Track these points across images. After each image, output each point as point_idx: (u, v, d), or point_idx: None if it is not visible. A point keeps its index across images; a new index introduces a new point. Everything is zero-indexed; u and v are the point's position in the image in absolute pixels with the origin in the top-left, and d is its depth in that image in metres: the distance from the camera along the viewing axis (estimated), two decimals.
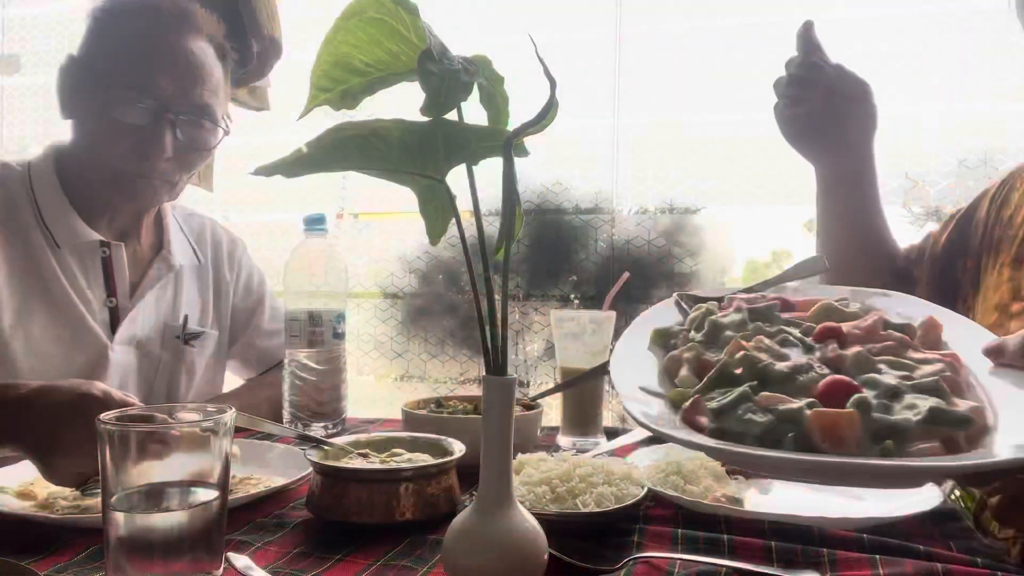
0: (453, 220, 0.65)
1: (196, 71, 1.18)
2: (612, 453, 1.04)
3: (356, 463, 0.82)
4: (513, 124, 0.60)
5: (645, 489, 0.79)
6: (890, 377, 0.57)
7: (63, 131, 1.24)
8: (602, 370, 1.08)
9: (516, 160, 0.59)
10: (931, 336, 0.66)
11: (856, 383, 0.56)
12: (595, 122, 2.64)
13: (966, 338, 0.64)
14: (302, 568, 0.67)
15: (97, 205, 1.23)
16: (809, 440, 0.52)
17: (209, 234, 1.44)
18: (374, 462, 0.82)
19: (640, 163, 2.61)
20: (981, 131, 2.29)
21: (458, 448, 0.84)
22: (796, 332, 0.66)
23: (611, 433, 1.21)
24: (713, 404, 0.56)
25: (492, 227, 2.40)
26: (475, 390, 2.63)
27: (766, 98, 1.20)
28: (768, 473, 0.61)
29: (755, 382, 0.58)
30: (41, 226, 1.19)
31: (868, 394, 0.54)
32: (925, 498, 0.82)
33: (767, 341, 0.63)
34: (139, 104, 1.14)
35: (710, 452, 0.54)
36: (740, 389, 0.57)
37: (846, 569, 0.65)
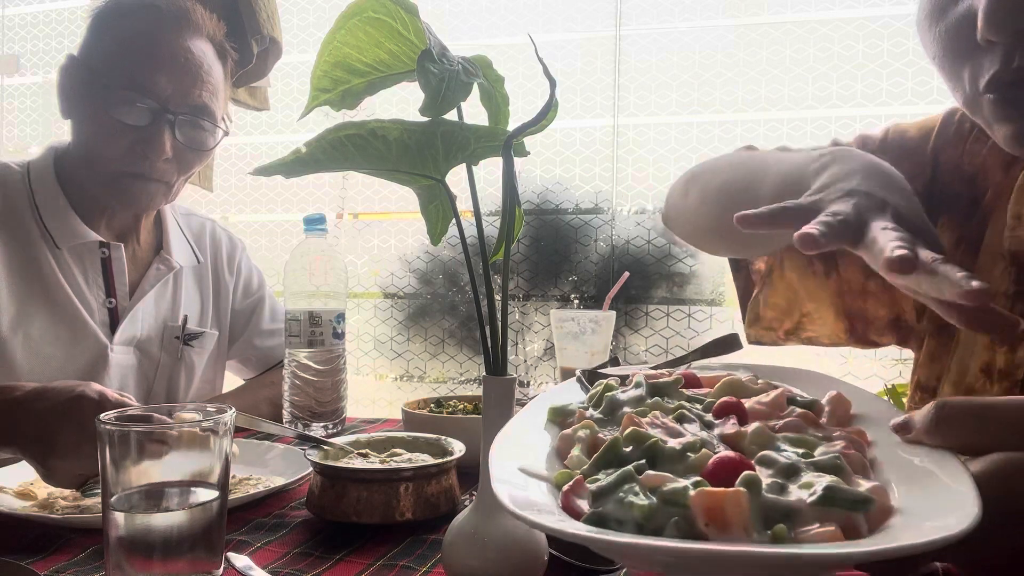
0: (453, 220, 0.65)
1: (196, 71, 1.18)
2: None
3: (356, 463, 0.82)
4: (513, 124, 0.60)
5: None
6: (789, 454, 0.52)
7: (63, 131, 1.24)
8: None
9: (516, 160, 0.59)
10: (839, 412, 0.61)
11: (749, 460, 0.51)
12: (595, 122, 2.64)
13: (875, 414, 0.60)
14: (302, 568, 0.67)
15: (96, 206, 1.23)
16: (693, 524, 0.46)
17: (209, 234, 1.44)
18: (374, 462, 0.82)
19: (640, 163, 2.61)
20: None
21: (458, 448, 0.85)
22: (696, 408, 0.61)
23: None
24: (594, 486, 0.51)
25: (492, 227, 2.40)
26: (475, 390, 2.63)
27: (766, 98, 1.20)
28: (648, 567, 0.52)
29: (642, 460, 0.53)
30: (40, 227, 1.19)
31: (762, 472, 0.50)
32: None
33: (663, 418, 0.58)
34: (138, 104, 1.14)
35: (583, 542, 0.47)
36: (624, 469, 0.51)
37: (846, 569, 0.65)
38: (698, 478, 0.49)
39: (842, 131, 2.40)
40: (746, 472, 0.48)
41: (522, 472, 0.54)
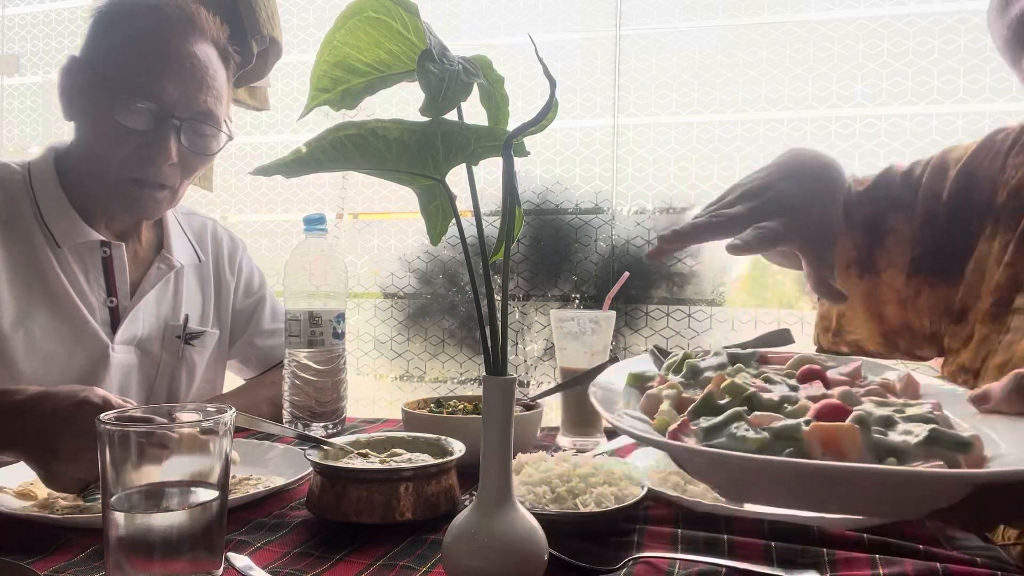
0: (453, 220, 0.65)
1: (201, 77, 1.17)
2: (612, 453, 1.04)
3: (356, 463, 0.82)
4: (513, 124, 0.60)
5: (645, 489, 0.79)
6: (882, 410, 0.55)
7: (63, 131, 1.23)
8: (602, 370, 1.08)
9: (516, 160, 0.59)
10: (910, 390, 0.65)
11: (850, 407, 0.54)
12: (595, 122, 2.64)
13: (943, 395, 0.63)
14: (302, 568, 0.67)
15: (98, 205, 1.23)
16: (808, 456, 0.49)
17: (210, 233, 1.44)
18: (374, 462, 0.82)
19: (640, 163, 2.61)
20: (979, 131, 2.29)
21: (458, 448, 0.85)
22: (778, 376, 0.65)
23: (611, 433, 1.21)
24: (703, 425, 0.55)
25: (492, 227, 2.40)
26: (475, 390, 2.63)
27: (766, 98, 1.20)
28: (764, 492, 0.55)
29: (743, 408, 0.56)
30: (41, 226, 1.19)
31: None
32: None
33: (750, 378, 0.62)
34: (144, 109, 1.13)
35: (703, 463, 0.51)
36: (732, 410, 0.55)
37: (846, 569, 0.65)
38: (808, 418, 0.52)
39: (842, 131, 2.40)
40: (856, 410, 0.51)
41: (627, 414, 0.60)
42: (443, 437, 0.88)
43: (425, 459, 0.82)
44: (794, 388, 0.62)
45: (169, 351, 1.31)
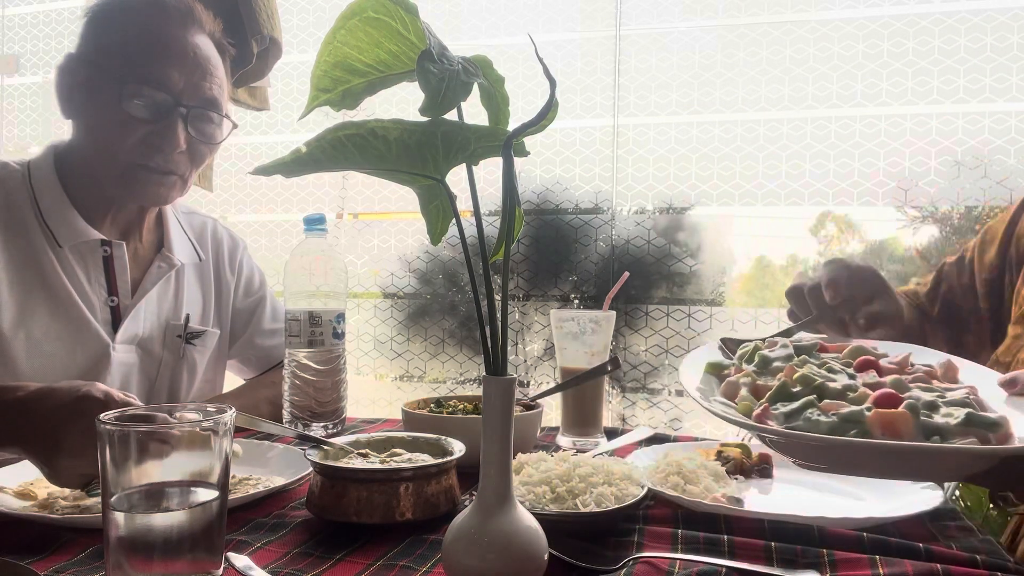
0: (453, 220, 0.65)
1: (204, 65, 1.19)
2: (612, 453, 1.04)
3: (356, 463, 0.82)
4: (513, 124, 0.60)
5: (645, 489, 0.79)
6: (927, 396, 0.67)
7: (63, 131, 1.24)
8: (602, 370, 1.08)
9: (516, 160, 0.59)
10: (949, 374, 0.77)
11: (903, 396, 0.66)
12: (595, 122, 2.64)
13: (979, 378, 0.74)
14: (302, 568, 0.67)
15: (99, 204, 1.23)
16: (870, 436, 0.62)
17: (210, 232, 1.44)
18: (374, 462, 0.82)
19: (640, 163, 2.61)
20: (979, 131, 2.29)
21: (458, 448, 0.85)
22: (837, 364, 0.76)
23: (611, 433, 1.21)
24: (782, 410, 0.67)
25: (492, 227, 2.40)
26: (475, 390, 2.63)
27: (766, 98, 1.20)
28: (836, 464, 0.70)
29: (813, 396, 0.68)
30: (42, 225, 1.19)
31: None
32: (925, 498, 0.82)
33: (816, 368, 0.74)
34: (151, 98, 1.14)
35: (793, 442, 0.65)
36: (804, 399, 0.68)
37: (846, 569, 0.65)
38: (868, 405, 0.65)
39: (842, 131, 2.40)
40: (908, 400, 0.64)
41: (717, 401, 0.73)
42: (443, 437, 0.88)
43: (425, 459, 0.82)
44: (852, 376, 0.73)
45: (170, 350, 1.31)
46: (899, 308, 1.07)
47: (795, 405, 0.67)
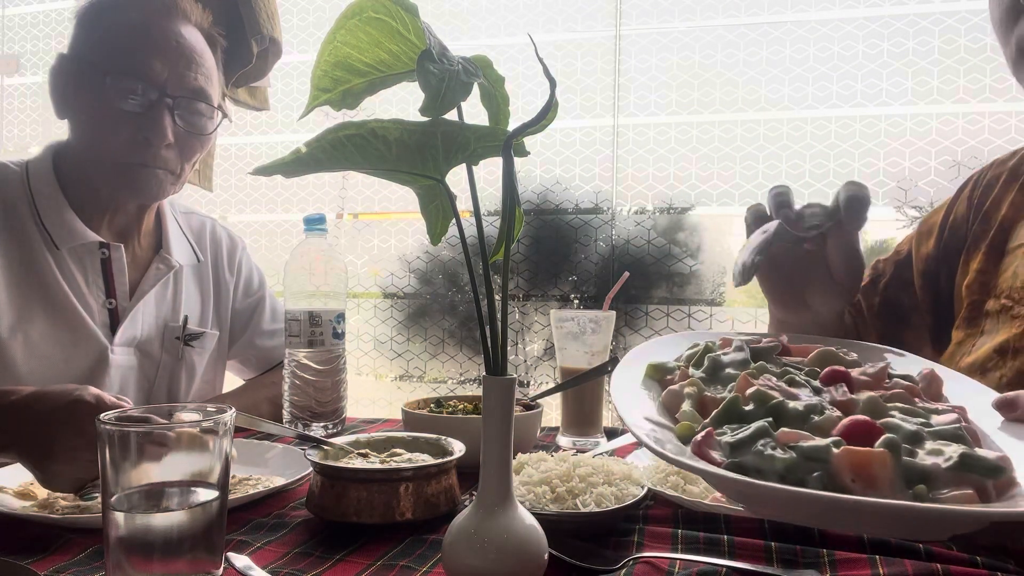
0: (453, 220, 0.65)
1: (189, 55, 1.18)
2: (612, 453, 1.04)
3: (356, 463, 0.82)
4: (513, 124, 0.60)
5: (645, 489, 0.79)
6: (909, 424, 0.55)
7: (63, 131, 1.24)
8: (602, 370, 1.08)
9: (516, 160, 0.59)
10: (932, 389, 0.65)
11: (878, 424, 0.54)
12: (595, 122, 2.64)
13: (965, 393, 0.63)
14: (302, 568, 0.67)
15: (97, 205, 1.23)
16: (836, 480, 0.49)
17: (209, 233, 1.44)
18: (374, 462, 0.82)
19: (640, 163, 2.61)
20: (979, 132, 2.29)
21: (458, 448, 0.84)
22: (800, 374, 0.64)
23: (611, 433, 1.21)
24: (728, 438, 0.54)
25: (492, 227, 2.40)
26: (475, 390, 2.63)
27: (766, 98, 1.20)
28: (787, 515, 0.57)
29: (768, 419, 0.56)
30: (40, 227, 1.19)
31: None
32: None
33: (774, 380, 0.62)
34: (136, 91, 1.14)
35: (730, 487, 0.52)
36: (757, 424, 0.55)
37: (846, 569, 0.65)
38: (837, 438, 0.52)
39: (842, 131, 2.40)
40: (887, 435, 0.51)
41: (648, 420, 0.59)
42: (443, 437, 0.88)
43: (425, 459, 0.82)
44: (818, 390, 0.61)
45: (169, 352, 1.31)
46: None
47: (744, 434, 0.54)
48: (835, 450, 0.50)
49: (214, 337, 1.39)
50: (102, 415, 0.59)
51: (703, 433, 0.56)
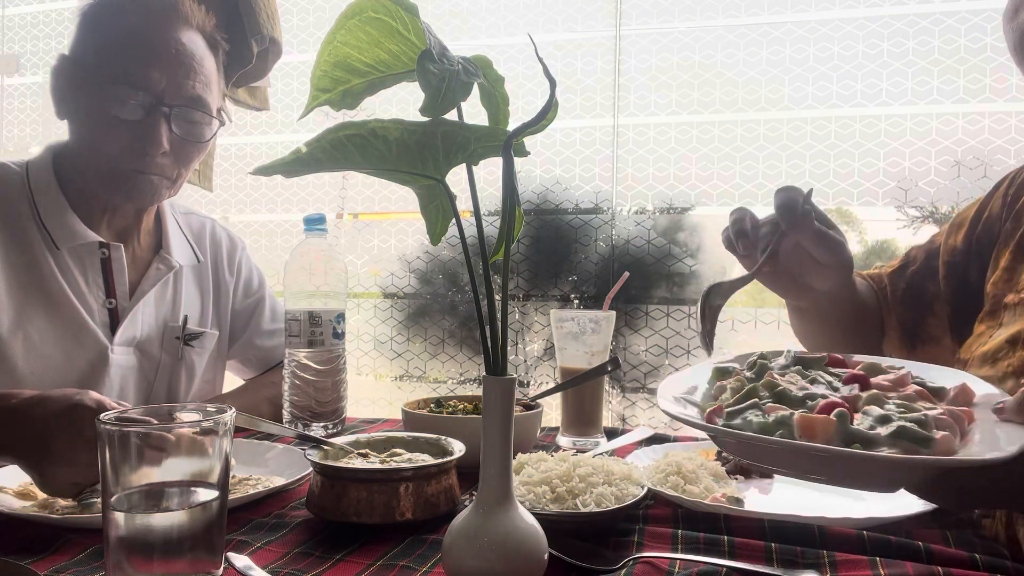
0: (453, 220, 0.65)
1: (188, 63, 1.17)
2: (612, 453, 1.04)
3: (356, 463, 0.82)
4: (513, 124, 0.60)
5: (645, 489, 0.79)
6: (885, 411, 0.64)
7: (63, 131, 1.24)
8: (602, 370, 1.08)
9: (516, 160, 0.59)
10: (961, 399, 0.71)
11: (847, 405, 0.64)
12: (595, 122, 2.64)
13: (993, 401, 0.69)
14: (302, 568, 0.67)
15: (96, 205, 1.23)
16: (791, 437, 0.62)
17: (209, 233, 1.44)
18: (374, 462, 0.82)
19: (640, 163, 2.61)
20: (979, 132, 2.29)
21: (458, 448, 0.85)
22: (827, 376, 0.75)
23: (611, 433, 1.21)
24: (729, 408, 0.68)
25: (492, 227, 2.40)
26: (475, 390, 2.63)
27: (766, 98, 1.20)
28: (764, 461, 0.69)
29: (763, 397, 0.69)
30: (40, 227, 1.19)
31: (863, 419, 0.63)
32: None
33: (799, 379, 0.73)
34: (133, 99, 1.13)
35: (707, 430, 0.67)
36: (752, 400, 0.68)
37: (846, 570, 0.65)
38: (805, 411, 0.65)
39: (842, 131, 2.40)
40: (838, 408, 0.63)
41: (677, 398, 0.75)
42: (443, 437, 0.88)
43: (425, 459, 0.82)
44: (835, 389, 0.71)
45: (168, 352, 1.31)
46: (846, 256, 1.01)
47: (741, 405, 0.68)
48: (796, 416, 0.63)
49: (214, 337, 1.39)
50: (102, 415, 0.59)
51: (714, 406, 0.70)
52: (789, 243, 0.98)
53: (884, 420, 0.62)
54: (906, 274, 1.18)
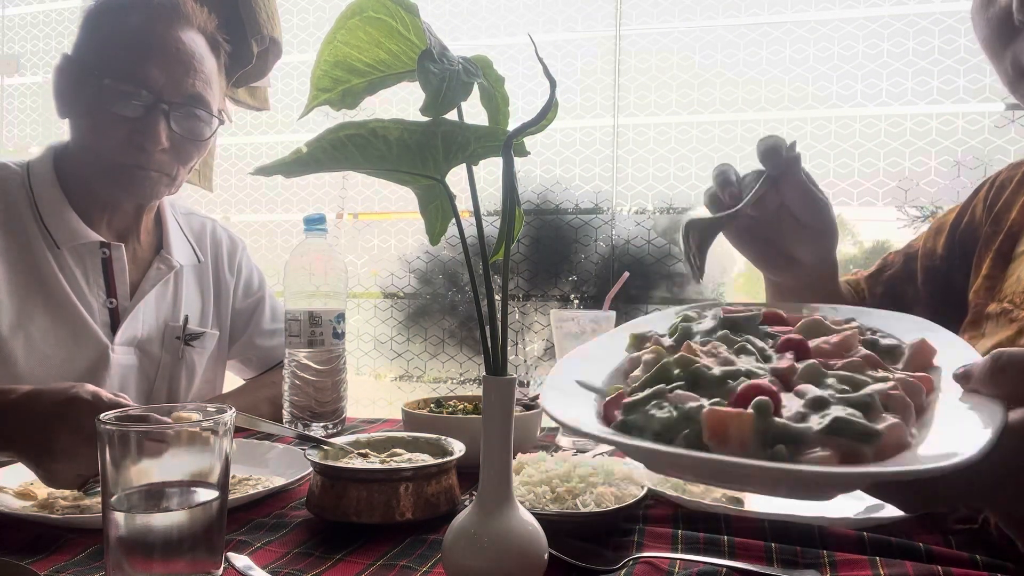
0: (453, 220, 0.65)
1: (188, 61, 1.18)
2: (612, 453, 1.04)
3: (356, 463, 0.82)
4: (513, 124, 0.60)
5: (645, 489, 0.79)
6: (827, 390, 0.53)
7: (63, 131, 1.24)
8: None
9: (516, 160, 0.59)
10: (918, 359, 0.61)
11: (773, 388, 0.53)
12: (595, 122, 2.64)
13: (958, 361, 0.58)
14: (302, 568, 0.67)
15: (97, 205, 1.23)
16: (699, 438, 0.50)
17: (209, 234, 1.44)
18: (374, 462, 0.82)
19: (640, 163, 2.61)
20: (979, 132, 2.29)
21: (458, 448, 0.85)
22: (759, 343, 0.63)
23: None
24: (628, 399, 0.55)
25: (492, 227, 2.40)
26: (475, 390, 2.63)
27: (766, 98, 1.20)
28: (657, 467, 0.59)
29: (683, 383, 0.56)
30: (41, 227, 1.19)
31: (793, 403, 0.52)
32: None
33: (722, 348, 0.61)
34: (132, 96, 1.14)
35: (600, 441, 0.52)
36: (658, 387, 0.55)
37: (846, 570, 0.65)
38: (718, 399, 0.52)
39: (842, 131, 2.41)
40: (759, 397, 0.50)
41: (578, 384, 0.59)
42: (443, 437, 0.88)
43: (425, 459, 0.82)
44: (767, 359, 0.60)
45: (169, 352, 1.31)
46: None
47: (643, 395, 0.55)
48: (704, 409, 0.50)
49: (214, 337, 1.39)
50: (102, 415, 0.59)
51: (613, 396, 0.56)
52: (774, 193, 0.93)
53: (819, 405, 0.51)
54: (882, 278, 1.16)
